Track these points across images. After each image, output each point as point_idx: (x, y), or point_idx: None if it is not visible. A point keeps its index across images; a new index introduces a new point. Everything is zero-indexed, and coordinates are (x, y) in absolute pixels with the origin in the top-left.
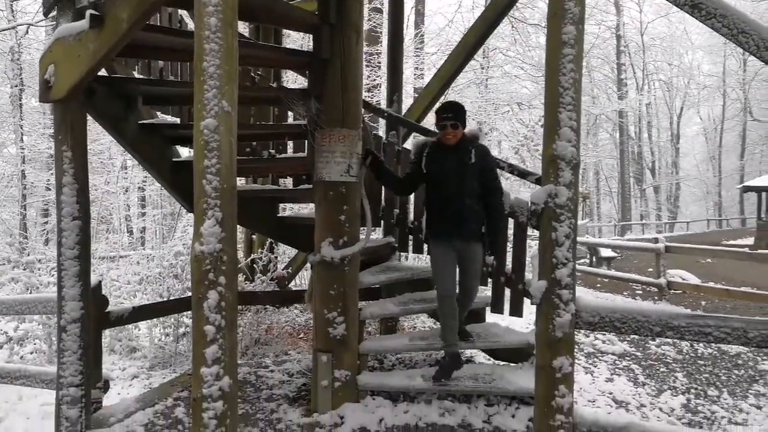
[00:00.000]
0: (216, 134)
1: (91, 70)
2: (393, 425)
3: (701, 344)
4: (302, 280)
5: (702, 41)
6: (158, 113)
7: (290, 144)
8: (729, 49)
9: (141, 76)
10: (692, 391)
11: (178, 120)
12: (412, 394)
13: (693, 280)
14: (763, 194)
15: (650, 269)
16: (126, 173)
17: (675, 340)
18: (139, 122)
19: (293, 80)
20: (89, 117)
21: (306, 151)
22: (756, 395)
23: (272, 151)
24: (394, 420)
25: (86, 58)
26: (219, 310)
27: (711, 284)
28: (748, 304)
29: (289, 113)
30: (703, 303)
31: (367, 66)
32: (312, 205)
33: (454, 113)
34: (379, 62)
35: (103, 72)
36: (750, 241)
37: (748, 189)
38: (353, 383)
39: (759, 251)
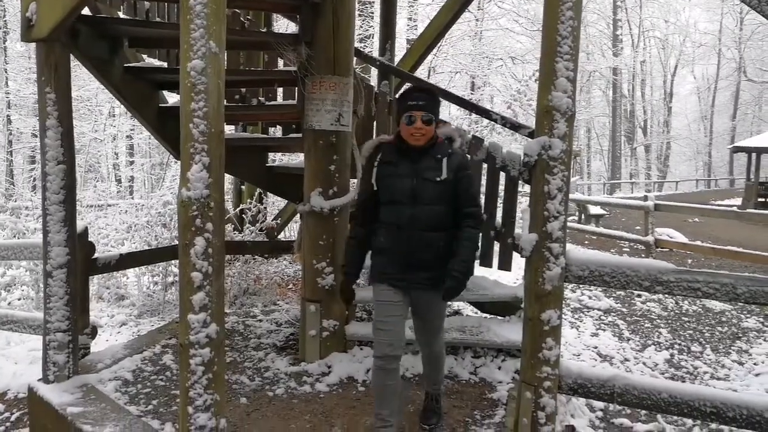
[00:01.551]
0: (203, 76)
1: (73, 8)
2: None
3: (686, 301)
4: (291, 231)
5: None
6: (145, 57)
7: (280, 91)
8: (727, 6)
9: (126, 17)
10: (676, 346)
11: (165, 64)
12: None
13: (680, 238)
14: (753, 155)
15: (638, 227)
16: (114, 121)
17: (660, 297)
18: (125, 65)
19: (285, 26)
20: (74, 60)
21: (296, 98)
22: (738, 352)
23: (261, 99)
24: None
25: None
26: (206, 257)
27: (698, 243)
28: (733, 262)
29: (280, 60)
30: (690, 261)
31: (359, 16)
32: (302, 155)
33: (428, 101)
34: (372, 12)
35: (87, 12)
36: (738, 201)
37: (738, 149)
38: (341, 333)
39: (746, 211)
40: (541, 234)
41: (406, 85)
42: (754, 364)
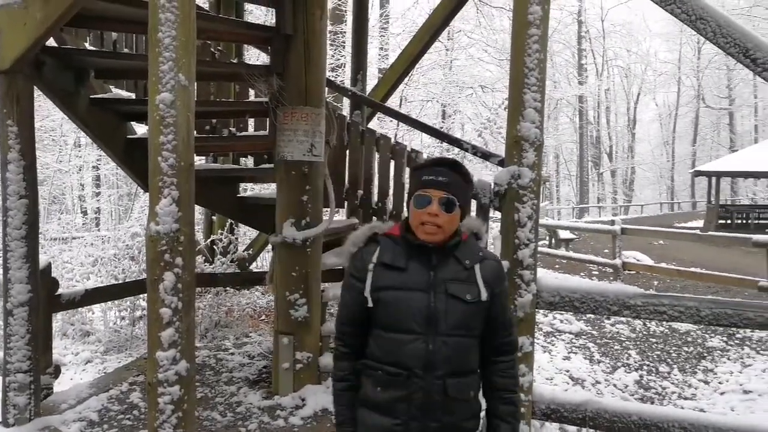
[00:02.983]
0: (172, 109)
1: (38, 39)
2: None
3: (653, 322)
4: (263, 262)
5: (659, 28)
6: (112, 88)
7: (251, 122)
8: (685, 36)
9: (93, 48)
10: (644, 367)
11: (133, 95)
12: None
13: (646, 260)
14: (713, 179)
15: (606, 250)
16: (79, 151)
17: (629, 319)
18: (91, 97)
19: (256, 57)
20: (38, 91)
21: (268, 129)
22: (704, 371)
23: (233, 129)
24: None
25: (33, 26)
26: (176, 292)
27: (663, 265)
28: (697, 283)
29: (251, 91)
30: (656, 283)
31: (331, 45)
32: (274, 186)
33: (453, 178)
34: (344, 42)
35: (52, 43)
36: (700, 223)
37: (699, 173)
38: (315, 365)
39: (708, 233)
40: (512, 261)
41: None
42: (719, 383)
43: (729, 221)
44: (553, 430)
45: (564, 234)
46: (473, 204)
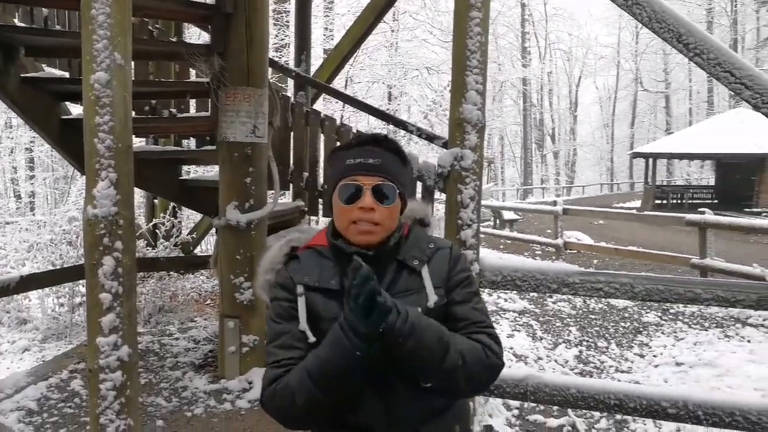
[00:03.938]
0: (108, 89)
1: None
2: None
3: (593, 300)
4: (208, 246)
5: (600, 13)
6: (45, 66)
7: (193, 103)
8: (624, 21)
9: (22, 24)
10: (584, 343)
11: (67, 74)
12: None
13: (587, 240)
14: (650, 160)
15: (549, 230)
16: (11, 132)
17: (570, 297)
18: (22, 75)
19: (197, 36)
20: None
21: (210, 110)
22: (640, 345)
23: (173, 110)
24: None
25: None
26: (116, 277)
27: (603, 244)
28: (634, 261)
29: (192, 70)
30: (595, 261)
31: (275, 25)
32: (217, 168)
33: (385, 157)
34: (288, 21)
35: None
36: (638, 203)
37: (636, 155)
38: (261, 348)
39: (645, 213)
40: (455, 242)
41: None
42: (654, 356)
43: (665, 201)
44: (497, 405)
45: (508, 215)
46: (419, 185)
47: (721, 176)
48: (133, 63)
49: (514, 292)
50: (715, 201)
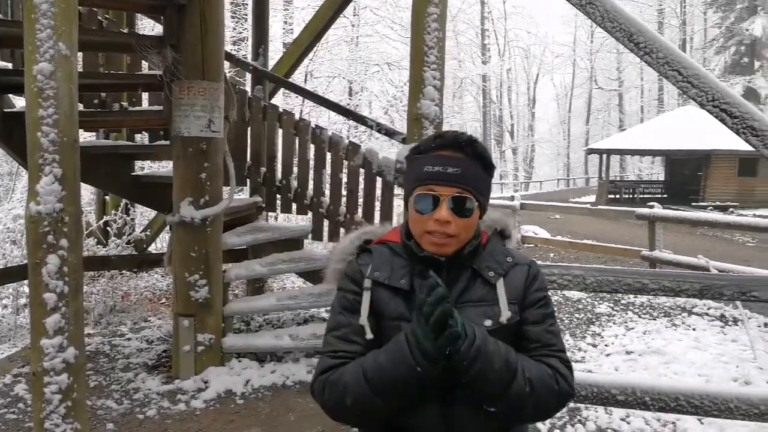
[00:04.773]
0: (52, 80)
1: None
2: (260, 386)
3: (549, 292)
4: (163, 243)
5: (556, 12)
6: None
7: (146, 96)
8: (580, 20)
9: None
10: None
11: (10, 65)
12: (279, 354)
13: (544, 234)
14: (604, 156)
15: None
16: None
17: None
18: None
19: (152, 28)
20: None
21: (163, 104)
22: (592, 335)
23: (125, 104)
24: (261, 380)
25: None
26: (61, 276)
27: (559, 238)
28: (589, 254)
29: (145, 63)
30: (552, 255)
31: (232, 18)
32: (171, 163)
33: (467, 165)
34: (246, 14)
35: None
36: (592, 198)
37: (591, 151)
38: (218, 346)
39: (599, 207)
40: None
41: (432, 134)
42: (606, 345)
43: (618, 196)
44: None
45: None
46: (378, 182)
47: (671, 171)
48: (80, 54)
49: None
50: (665, 195)
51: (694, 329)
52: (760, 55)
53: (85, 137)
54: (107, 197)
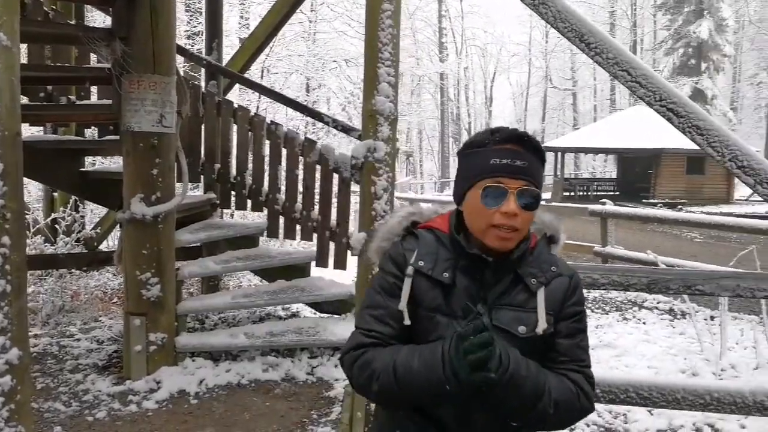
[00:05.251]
0: None
1: None
2: (215, 385)
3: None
4: (116, 241)
5: (512, 12)
6: None
7: (95, 90)
8: (535, 20)
9: None
10: None
11: None
12: (234, 352)
13: None
14: (559, 154)
15: None
16: None
17: None
18: None
19: (103, 20)
20: None
21: (112, 98)
22: None
23: (72, 98)
24: (216, 380)
25: None
26: (2, 274)
27: None
28: None
29: (94, 56)
30: None
31: (187, 11)
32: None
33: (530, 159)
34: (201, 8)
35: None
36: (548, 195)
37: (547, 149)
38: (171, 346)
39: (553, 204)
40: (369, 232)
41: (485, 129)
42: None
43: (572, 193)
44: None
45: None
46: (335, 178)
47: (623, 169)
48: (25, 46)
49: None
50: (617, 193)
51: (644, 323)
52: (707, 57)
53: (32, 132)
54: (56, 194)
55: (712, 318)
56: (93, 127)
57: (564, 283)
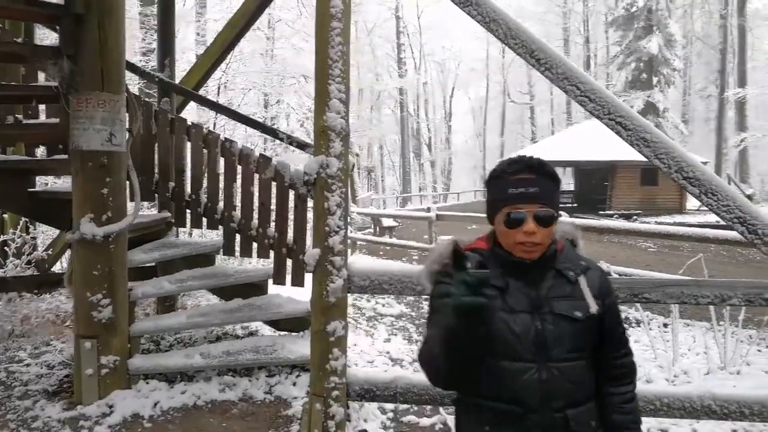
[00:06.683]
0: None
1: None
2: (170, 407)
3: None
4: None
5: (469, 28)
6: None
7: (44, 109)
8: (492, 37)
9: None
10: None
11: None
12: (190, 373)
13: None
14: None
15: (425, 236)
16: None
17: None
18: None
19: (55, 37)
20: None
21: (60, 117)
22: None
23: (19, 116)
24: (171, 402)
25: None
26: None
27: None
28: None
29: (42, 74)
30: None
31: (141, 28)
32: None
33: (542, 183)
34: (155, 24)
35: None
36: None
37: None
38: (123, 368)
39: None
40: (323, 248)
41: (500, 161)
42: None
43: None
44: (372, 410)
45: (387, 222)
46: (291, 194)
47: (580, 181)
48: None
49: (389, 296)
50: (575, 204)
51: None
52: (657, 72)
53: None
54: (5, 215)
55: (665, 325)
56: (42, 147)
57: (597, 274)
